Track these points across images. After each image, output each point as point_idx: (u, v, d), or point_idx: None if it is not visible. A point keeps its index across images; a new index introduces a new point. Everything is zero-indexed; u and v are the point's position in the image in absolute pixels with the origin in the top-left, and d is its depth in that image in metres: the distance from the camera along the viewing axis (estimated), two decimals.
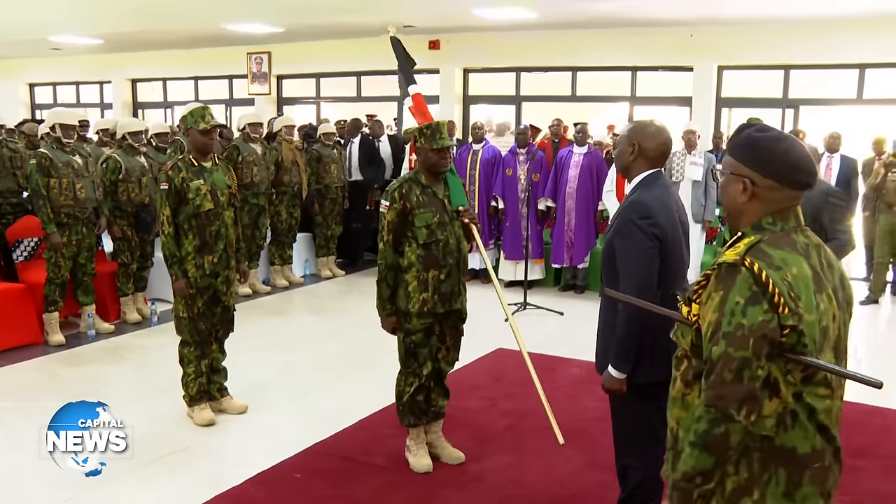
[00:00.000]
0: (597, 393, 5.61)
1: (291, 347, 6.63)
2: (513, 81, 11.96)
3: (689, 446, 2.02)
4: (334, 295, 8.92)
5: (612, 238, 3.21)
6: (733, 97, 10.90)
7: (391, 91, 12.65)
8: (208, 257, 4.81)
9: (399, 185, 4.12)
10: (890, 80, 10.31)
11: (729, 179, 2.14)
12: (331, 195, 9.40)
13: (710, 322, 2.00)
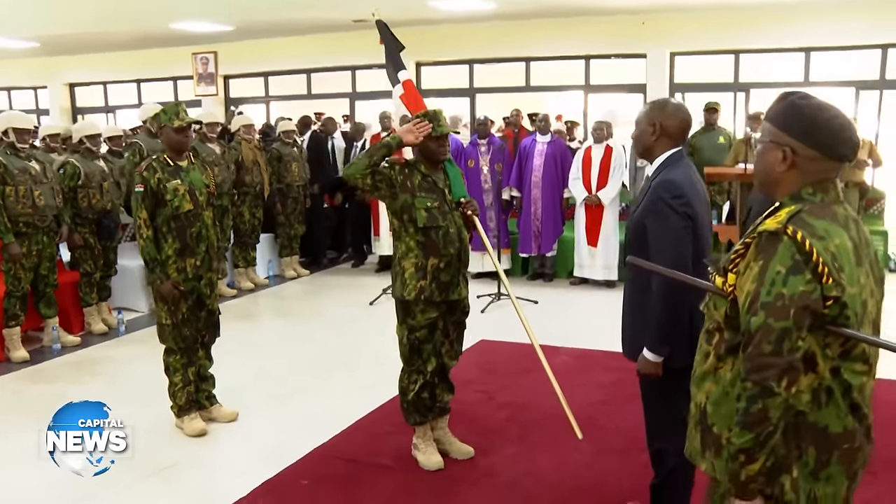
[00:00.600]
0: (594, 380, 5.64)
1: (265, 352, 6.39)
2: (466, 73, 11.80)
3: (734, 426, 1.92)
4: (301, 296, 8.67)
5: (642, 217, 3.10)
6: (686, 82, 10.92)
7: (342, 87, 12.47)
8: (190, 260, 4.56)
9: (402, 165, 4.01)
10: (834, 64, 10.50)
11: (768, 147, 2.05)
12: (293, 194, 9.16)
13: (749, 292, 1.91)
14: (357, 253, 10.19)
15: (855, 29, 9.89)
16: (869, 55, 10.29)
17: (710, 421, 2.07)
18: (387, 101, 11.80)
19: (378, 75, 12.09)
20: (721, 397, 2.05)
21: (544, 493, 3.98)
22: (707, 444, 2.09)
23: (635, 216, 3.16)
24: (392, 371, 5.77)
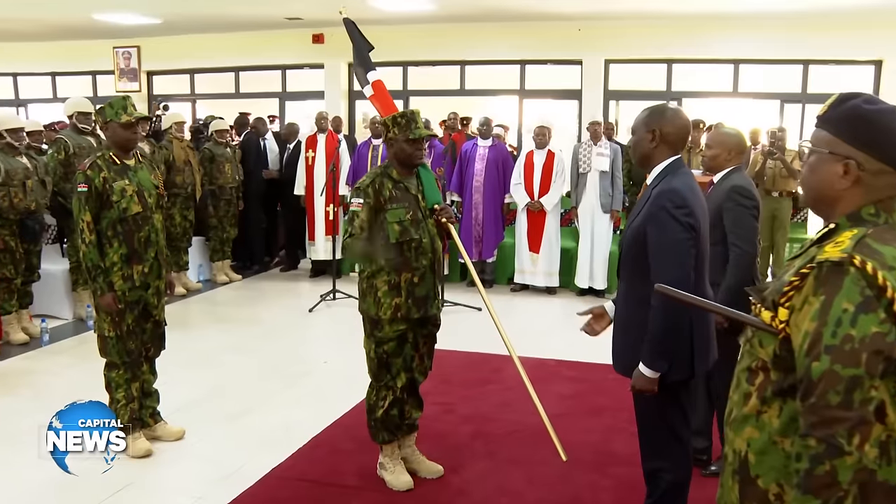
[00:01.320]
0: (553, 391, 5.45)
1: (207, 363, 5.95)
2: (400, 76, 11.52)
3: (794, 489, 1.65)
4: (237, 301, 8.24)
5: (642, 226, 2.91)
6: (620, 90, 10.90)
7: (271, 87, 12.04)
8: (138, 267, 4.17)
9: (371, 179, 3.71)
10: (761, 75, 10.65)
11: (823, 159, 1.76)
12: (225, 196, 8.74)
13: (808, 332, 1.62)
14: (290, 258, 9.81)
15: (780, 44, 10.13)
16: (792, 69, 10.50)
17: (754, 473, 1.80)
18: (318, 102, 11.48)
19: (309, 75, 11.81)
20: (767, 446, 1.78)
21: None
22: (748, 498, 1.83)
23: (634, 225, 2.98)
24: (343, 382, 5.54)
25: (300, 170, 9.07)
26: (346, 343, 6.67)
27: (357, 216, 3.66)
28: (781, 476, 1.77)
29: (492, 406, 5.08)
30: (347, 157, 8.97)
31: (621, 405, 5.11)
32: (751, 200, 3.67)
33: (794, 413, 1.74)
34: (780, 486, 1.77)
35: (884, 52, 10.12)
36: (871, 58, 10.30)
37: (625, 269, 3.06)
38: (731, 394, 1.94)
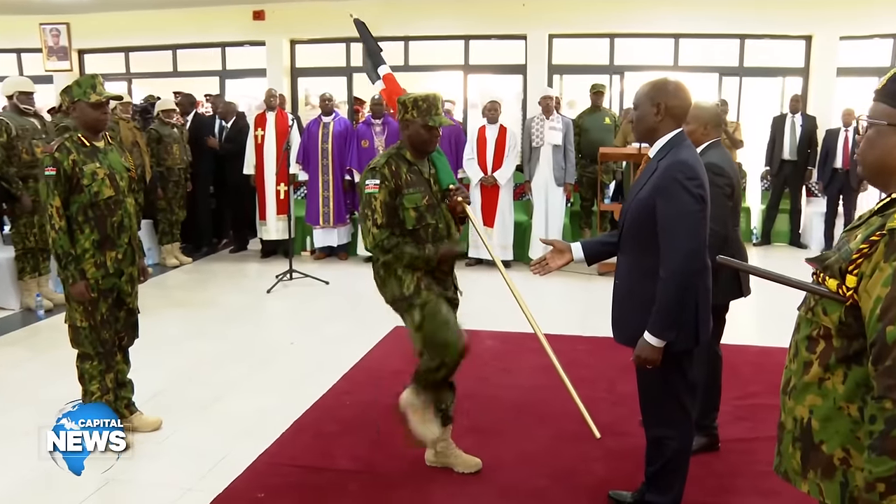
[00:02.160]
0: (528, 363, 5.42)
1: (171, 349, 5.72)
2: (343, 52, 11.26)
3: (867, 451, 1.66)
4: (189, 285, 8.00)
5: (650, 198, 2.88)
6: (564, 64, 10.86)
7: (211, 65, 11.65)
8: (111, 253, 3.94)
9: (386, 160, 3.48)
10: (700, 50, 10.73)
11: (883, 132, 1.76)
12: (174, 178, 8.44)
13: (881, 297, 1.63)
14: (238, 238, 9.55)
15: (718, 18, 10.25)
16: (730, 44, 10.63)
17: (818, 439, 1.82)
18: (260, 80, 11.18)
19: (249, 52, 11.46)
20: (832, 412, 1.79)
21: (521, 485, 3.71)
22: (812, 464, 1.84)
23: (640, 197, 2.94)
24: (312, 364, 5.42)
25: (249, 149, 8.82)
26: (311, 323, 6.57)
27: (374, 199, 3.42)
28: (847, 441, 1.78)
29: (469, 381, 4.97)
30: (297, 135, 8.75)
31: (597, 375, 5.14)
32: (724, 178, 3.64)
33: (859, 379, 1.76)
34: (845, 451, 1.79)
35: (813, 27, 10.36)
36: (801, 33, 10.52)
37: (629, 242, 3.03)
38: (787, 363, 1.93)
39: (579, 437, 4.22)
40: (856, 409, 1.76)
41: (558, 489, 3.68)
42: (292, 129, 8.29)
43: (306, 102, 11.92)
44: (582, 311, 6.93)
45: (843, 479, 1.79)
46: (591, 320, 6.33)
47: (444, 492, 3.64)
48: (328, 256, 9.16)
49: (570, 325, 6.34)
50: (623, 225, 3.07)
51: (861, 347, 1.74)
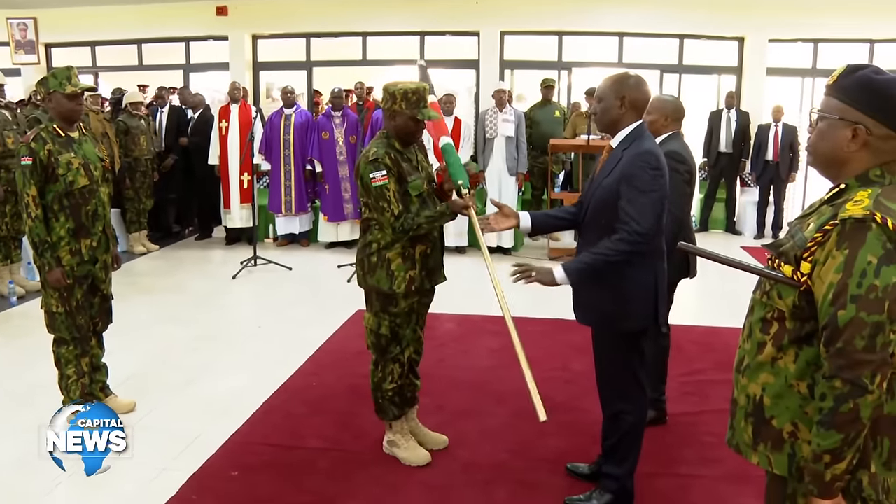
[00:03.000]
0: (483, 344, 5.43)
1: (142, 333, 5.60)
2: (303, 47, 11.11)
3: (815, 426, 1.71)
4: (157, 272, 7.83)
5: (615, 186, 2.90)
6: (515, 60, 10.86)
7: (175, 59, 11.43)
8: (85, 241, 3.85)
9: (384, 150, 3.31)
10: (642, 47, 10.79)
11: (834, 124, 1.79)
12: (141, 168, 8.26)
13: (833, 283, 1.67)
14: (203, 226, 9.40)
15: (659, 19, 10.36)
16: (670, 43, 10.73)
17: (769, 414, 1.85)
18: (223, 74, 10.99)
19: (212, 47, 11.24)
20: (784, 390, 1.82)
21: (481, 460, 3.72)
22: (763, 437, 1.87)
23: (605, 185, 2.96)
24: (279, 346, 5.36)
25: (213, 140, 8.66)
26: (276, 307, 6.50)
27: (387, 189, 3.25)
28: (796, 416, 1.82)
29: (429, 362, 4.96)
30: (260, 126, 8.62)
31: (550, 355, 5.17)
32: (684, 166, 3.69)
33: (809, 358, 1.80)
34: (794, 425, 1.83)
35: (745, 30, 10.54)
36: (735, 35, 10.69)
37: (592, 228, 3.03)
38: (741, 343, 1.96)
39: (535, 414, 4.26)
40: (805, 386, 1.80)
41: (518, 463, 3.70)
42: (255, 121, 8.16)
43: (268, 95, 11.74)
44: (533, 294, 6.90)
45: (791, 450, 1.83)
46: (543, 303, 6.33)
47: (410, 467, 3.63)
48: (290, 243, 9.06)
49: (522, 308, 6.34)
50: (586, 211, 3.08)
51: (812, 329, 1.77)
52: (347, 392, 4.53)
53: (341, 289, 7.06)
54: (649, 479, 3.43)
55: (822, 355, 1.72)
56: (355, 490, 3.43)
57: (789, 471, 1.84)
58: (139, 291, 6.83)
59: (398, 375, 3.59)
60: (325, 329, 5.71)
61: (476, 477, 3.56)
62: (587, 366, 3.58)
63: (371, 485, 3.47)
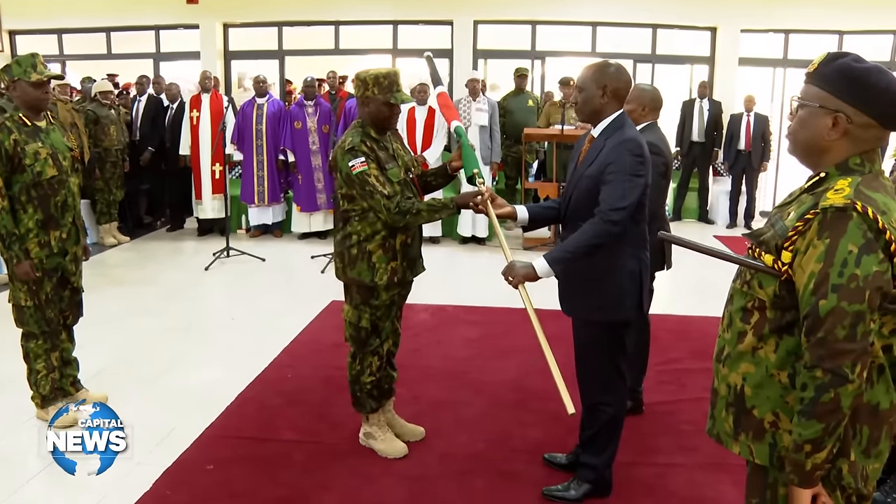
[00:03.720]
0: (460, 334, 5.41)
1: (115, 326, 5.50)
2: (275, 36, 10.99)
3: (796, 415, 1.71)
4: (128, 263, 7.71)
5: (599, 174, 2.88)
6: (489, 49, 10.83)
7: (145, 48, 11.26)
8: (55, 233, 3.75)
9: (360, 139, 3.23)
10: (616, 37, 10.84)
11: (814, 113, 1.77)
12: (111, 158, 8.11)
13: (814, 273, 1.66)
14: (175, 217, 9.27)
15: (632, 9, 10.43)
16: (643, 32, 10.78)
17: (750, 404, 1.84)
18: (194, 63, 10.84)
19: (183, 36, 11.08)
20: (764, 379, 1.81)
21: (458, 451, 3.70)
22: (744, 427, 1.86)
23: (589, 174, 2.94)
24: (252, 338, 5.31)
25: (184, 130, 8.54)
26: (249, 298, 6.43)
27: (368, 175, 3.16)
28: (777, 405, 1.81)
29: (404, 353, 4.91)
30: (232, 116, 8.50)
31: (527, 344, 5.11)
32: (660, 158, 3.67)
33: (790, 348, 1.79)
34: (775, 415, 1.82)
35: (718, 20, 10.63)
36: (707, 24, 10.76)
37: (575, 216, 3.01)
38: (721, 333, 1.95)
39: (514, 404, 4.26)
40: (786, 376, 1.79)
41: (495, 453, 3.68)
42: (227, 111, 8.04)
43: (239, 85, 11.61)
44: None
45: (773, 440, 1.82)
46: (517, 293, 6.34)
47: (387, 459, 3.60)
48: (263, 234, 8.98)
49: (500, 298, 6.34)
50: (569, 201, 3.06)
51: (793, 319, 1.76)
52: (323, 383, 4.49)
53: (315, 279, 7.01)
54: (627, 469, 3.43)
55: (803, 345, 1.71)
56: (331, 482, 3.40)
57: (770, 460, 1.83)
58: (110, 283, 6.72)
59: (376, 368, 3.55)
60: (300, 320, 5.66)
61: (453, 467, 3.54)
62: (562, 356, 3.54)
63: (347, 476, 3.44)
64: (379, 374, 3.57)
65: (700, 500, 3.29)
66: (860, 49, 7.97)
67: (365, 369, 3.53)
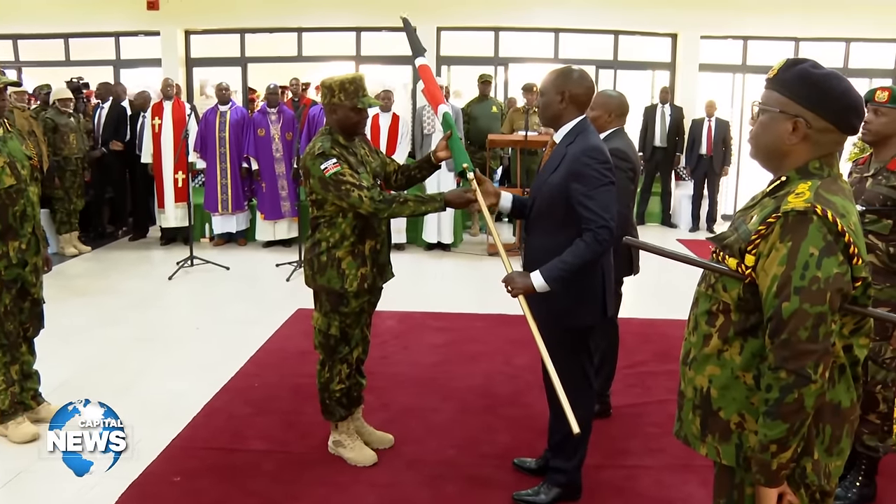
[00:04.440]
0: (426, 341, 5.42)
1: (78, 337, 5.41)
2: (237, 43, 10.91)
3: (762, 416, 1.74)
4: (91, 273, 7.59)
5: (564, 182, 2.90)
6: (452, 55, 10.86)
7: (104, 54, 11.11)
8: (13, 243, 3.68)
9: (329, 143, 3.22)
10: (579, 44, 10.94)
11: (775, 118, 1.81)
12: (71, 167, 7.98)
13: (777, 275, 1.70)
14: (138, 226, 9.15)
15: (594, 15, 10.53)
16: (605, 39, 10.90)
17: (716, 406, 1.87)
18: (155, 70, 10.72)
19: (144, 42, 10.95)
20: (730, 381, 1.84)
21: (428, 457, 3.71)
22: (711, 429, 1.89)
23: (552, 181, 2.96)
24: (218, 347, 5.26)
25: (146, 138, 8.44)
26: (214, 308, 6.37)
27: (342, 175, 3.14)
28: (743, 407, 1.84)
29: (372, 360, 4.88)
30: (195, 123, 8.43)
31: (494, 350, 5.19)
32: (627, 163, 3.70)
33: (755, 350, 1.82)
34: (741, 416, 1.85)
35: (678, 27, 10.81)
36: (668, 31, 10.93)
37: (539, 223, 3.04)
38: (686, 336, 1.97)
39: (482, 410, 4.28)
40: (751, 377, 1.82)
41: (465, 459, 3.69)
42: (189, 119, 7.97)
43: (202, 92, 11.49)
44: (475, 289, 6.97)
45: (739, 441, 1.85)
46: (485, 298, 6.38)
47: (355, 467, 3.59)
48: (227, 242, 8.90)
49: (464, 304, 6.38)
50: (532, 207, 3.08)
51: (757, 321, 1.80)
52: (291, 392, 4.46)
53: (280, 287, 6.97)
54: (596, 472, 3.47)
55: (767, 347, 1.74)
56: (301, 491, 3.38)
57: (737, 461, 1.86)
58: (72, 294, 6.62)
59: (346, 376, 3.53)
60: (266, 329, 5.62)
61: (423, 474, 3.54)
62: (529, 360, 3.60)
63: (317, 485, 3.42)
64: (348, 381, 3.56)
65: (668, 501, 3.33)
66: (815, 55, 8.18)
67: (334, 377, 3.52)
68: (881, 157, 3.13)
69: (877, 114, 3.08)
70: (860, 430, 3.18)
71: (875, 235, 3.07)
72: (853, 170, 3.29)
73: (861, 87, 4.10)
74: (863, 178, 3.17)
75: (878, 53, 10.97)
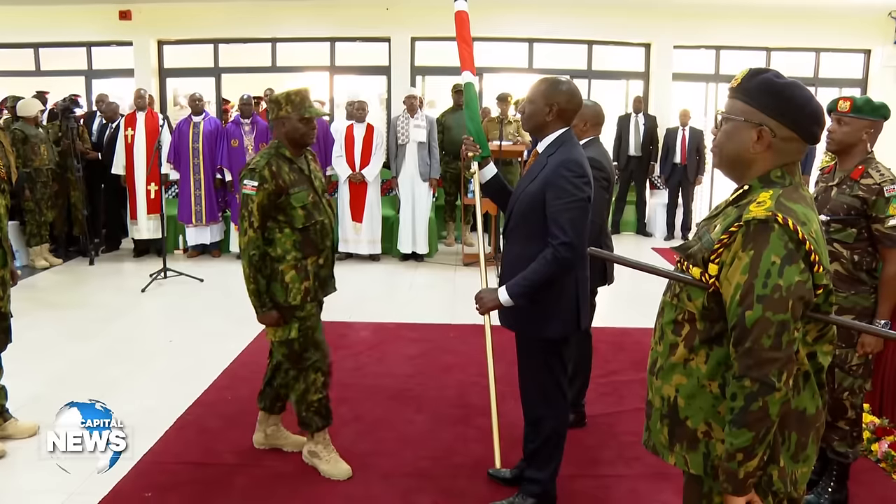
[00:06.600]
0: (400, 352, 5.41)
1: (49, 352, 5.34)
2: (211, 53, 10.87)
3: (727, 425, 1.76)
4: (62, 286, 7.50)
5: (540, 192, 2.93)
6: (426, 66, 10.89)
7: (76, 65, 11.02)
8: None
9: (266, 161, 3.28)
10: (553, 53, 11.03)
11: (739, 127, 1.84)
12: (42, 178, 7.89)
13: (740, 284, 1.72)
14: (110, 238, 9.07)
15: (568, 25, 10.63)
16: (579, 48, 10.98)
17: (683, 415, 1.88)
18: (128, 80, 10.65)
19: (116, 53, 10.87)
20: (696, 390, 1.86)
21: (402, 469, 3.70)
22: (678, 438, 1.91)
23: (530, 190, 2.98)
24: (192, 360, 5.22)
25: (119, 149, 8.37)
26: (187, 320, 6.32)
27: (251, 200, 3.25)
28: (709, 415, 1.85)
29: (345, 371, 4.92)
30: (168, 134, 8.38)
31: (468, 360, 5.18)
32: (602, 173, 3.73)
33: (720, 358, 1.83)
34: (707, 425, 1.86)
35: (651, 36, 10.93)
36: (641, 41, 11.04)
37: (517, 232, 3.06)
38: (653, 346, 1.99)
39: (456, 420, 4.28)
40: (717, 386, 1.84)
41: (440, 470, 3.69)
42: (163, 129, 7.92)
43: (175, 103, 11.43)
44: (449, 300, 6.97)
45: (706, 449, 1.86)
46: (459, 309, 6.39)
47: (329, 480, 3.57)
48: (201, 254, 8.84)
49: (438, 314, 6.38)
50: (511, 216, 3.10)
51: (722, 330, 1.82)
52: None
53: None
54: (570, 481, 3.48)
55: (731, 355, 1.76)
56: None
57: (705, 470, 1.87)
58: (42, 307, 6.54)
59: (322, 385, 3.54)
60: (240, 341, 5.59)
61: (398, 485, 3.54)
62: (503, 370, 3.60)
63: (291, 499, 3.40)
64: (325, 391, 3.56)
65: None
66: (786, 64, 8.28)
67: (310, 387, 3.52)
68: (845, 167, 3.19)
69: (840, 123, 3.13)
70: (830, 437, 3.22)
71: (840, 244, 3.12)
72: (819, 178, 3.35)
73: (831, 96, 4.17)
74: (828, 186, 3.22)
75: (847, 63, 11.16)
